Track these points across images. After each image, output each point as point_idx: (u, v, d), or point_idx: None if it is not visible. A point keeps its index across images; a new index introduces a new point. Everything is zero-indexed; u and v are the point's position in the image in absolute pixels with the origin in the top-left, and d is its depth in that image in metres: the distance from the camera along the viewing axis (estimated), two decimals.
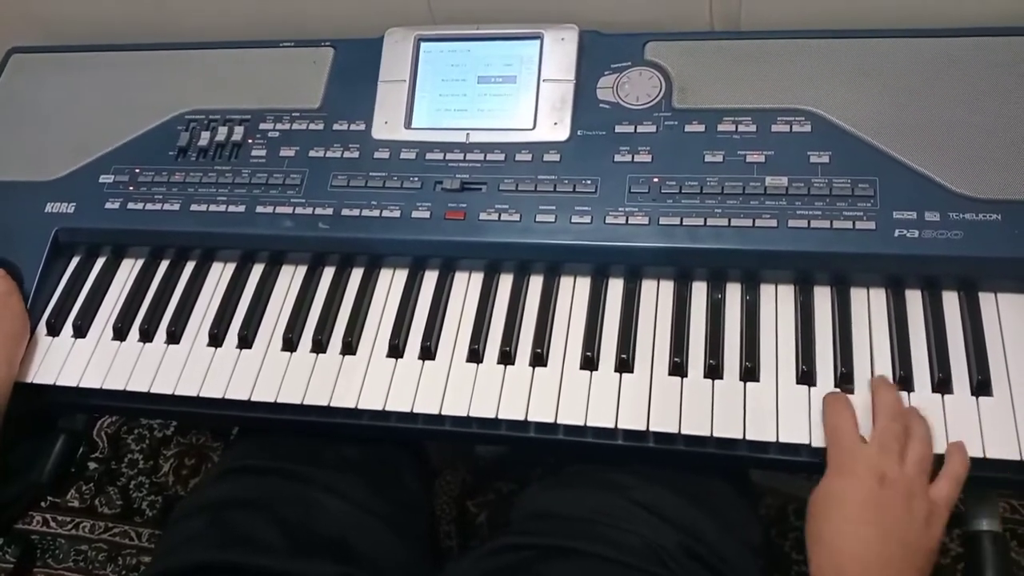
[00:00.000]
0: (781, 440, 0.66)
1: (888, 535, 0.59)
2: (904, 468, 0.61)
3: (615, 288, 0.76)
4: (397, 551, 0.77)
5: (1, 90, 0.96)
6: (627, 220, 0.75)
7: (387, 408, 0.73)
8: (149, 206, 0.85)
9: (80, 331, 0.82)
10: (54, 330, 0.83)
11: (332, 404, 0.74)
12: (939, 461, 0.64)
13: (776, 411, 0.68)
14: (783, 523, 1.24)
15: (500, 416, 0.71)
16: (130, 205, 0.85)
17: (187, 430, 1.48)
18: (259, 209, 0.82)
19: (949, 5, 0.81)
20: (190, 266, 0.85)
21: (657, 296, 0.75)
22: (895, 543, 0.59)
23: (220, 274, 0.84)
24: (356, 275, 0.81)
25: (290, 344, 0.78)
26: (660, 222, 0.74)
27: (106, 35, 1.01)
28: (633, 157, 0.78)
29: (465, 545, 1.29)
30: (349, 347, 0.77)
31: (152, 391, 0.78)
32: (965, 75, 0.75)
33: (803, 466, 0.67)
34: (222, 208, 0.83)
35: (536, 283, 0.78)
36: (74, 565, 1.37)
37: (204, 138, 0.87)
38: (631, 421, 0.69)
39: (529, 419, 0.70)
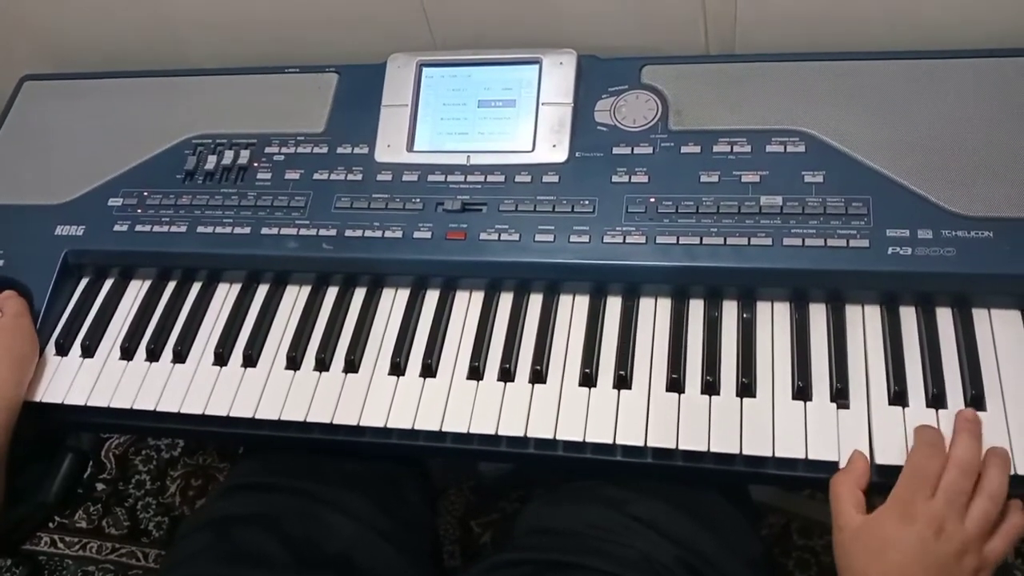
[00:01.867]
0: (777, 455, 0.67)
1: None
2: (964, 524, 0.59)
3: (613, 306, 0.77)
4: (400, 568, 0.78)
5: (14, 116, 0.99)
6: (625, 239, 0.76)
7: (389, 425, 0.74)
8: (157, 228, 0.86)
9: (88, 351, 0.84)
10: (63, 350, 0.84)
11: (335, 421, 0.75)
12: None
13: (772, 426, 0.68)
14: (786, 541, 1.24)
15: (500, 432, 0.72)
16: (138, 227, 0.87)
17: (194, 451, 1.49)
18: (264, 231, 0.84)
19: (941, 28, 0.83)
20: (196, 287, 0.87)
21: (655, 313, 0.76)
22: None
23: (226, 294, 0.86)
24: (359, 295, 0.83)
25: (294, 362, 0.79)
26: (657, 241, 0.76)
27: (116, 63, 1.04)
28: (630, 178, 0.79)
29: (469, 564, 1.29)
30: (352, 365, 0.78)
31: (158, 409, 0.79)
32: (957, 95, 0.76)
33: (799, 480, 0.68)
34: (228, 230, 0.85)
35: (536, 301, 0.79)
36: None
37: (211, 162, 0.89)
38: (629, 437, 0.70)
39: (529, 435, 0.71)
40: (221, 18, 1.00)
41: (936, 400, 0.68)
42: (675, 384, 0.72)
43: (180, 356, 0.82)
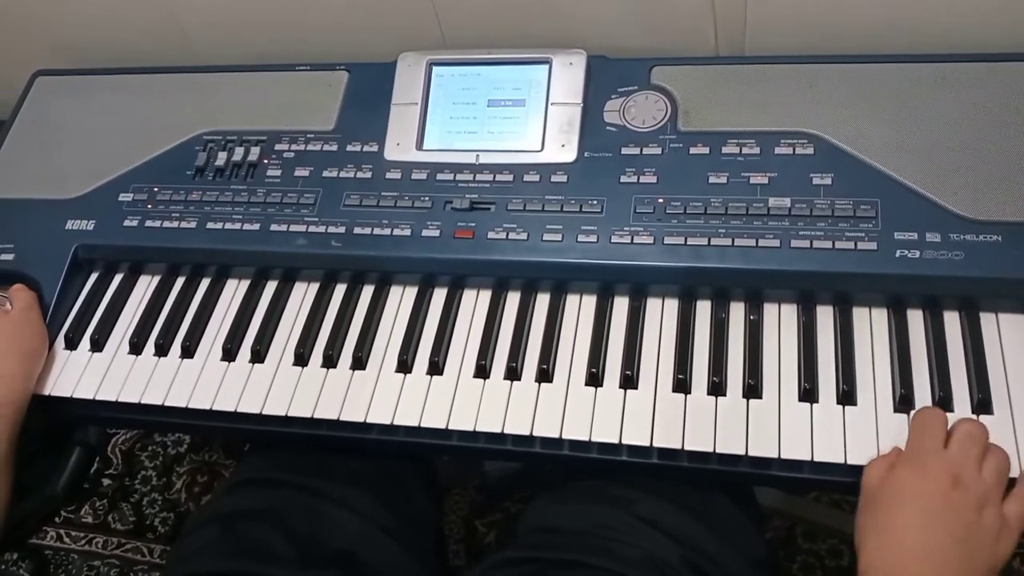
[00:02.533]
0: (783, 457, 0.67)
1: (957, 538, 0.57)
2: (981, 475, 0.59)
3: (620, 306, 0.77)
4: (405, 565, 0.78)
5: (26, 112, 0.99)
6: (632, 239, 0.76)
7: (395, 422, 0.74)
8: (166, 224, 0.87)
9: (97, 345, 0.84)
10: (72, 344, 0.85)
11: (341, 418, 0.75)
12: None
13: (778, 428, 0.68)
14: (791, 545, 1.24)
15: (506, 431, 0.72)
16: (148, 223, 0.87)
17: (200, 447, 1.50)
18: (273, 227, 0.84)
19: (950, 31, 0.83)
20: (205, 282, 0.87)
21: (662, 314, 0.76)
22: (960, 550, 0.56)
23: (234, 290, 0.86)
24: (367, 292, 0.83)
25: (301, 359, 0.79)
26: (665, 242, 0.76)
27: (128, 60, 1.04)
28: (639, 178, 0.79)
29: (474, 564, 1.29)
30: (359, 362, 0.78)
31: (166, 404, 0.79)
32: (966, 99, 0.76)
33: (805, 483, 0.68)
34: (237, 226, 0.85)
35: (543, 300, 0.79)
36: None
37: (221, 158, 0.89)
38: (635, 437, 0.70)
39: (535, 434, 0.71)
40: (232, 16, 1.00)
41: (943, 403, 0.68)
42: (681, 385, 0.72)
43: (188, 351, 0.82)
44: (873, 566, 0.57)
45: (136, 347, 0.83)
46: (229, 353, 0.81)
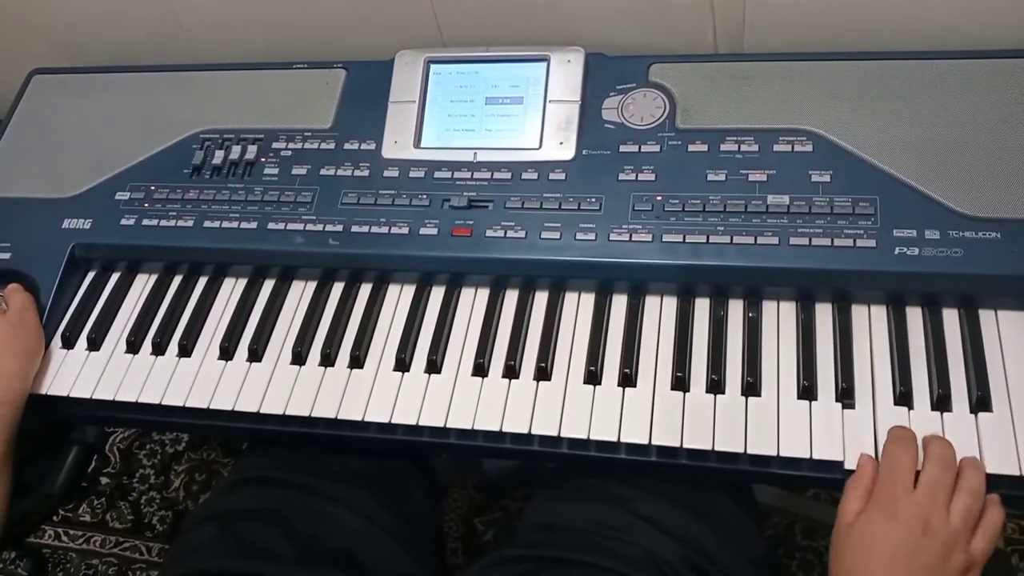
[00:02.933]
0: (782, 454, 0.67)
1: None
2: (949, 519, 0.60)
3: (619, 304, 0.77)
4: (404, 564, 0.78)
5: (23, 110, 0.99)
6: (631, 237, 0.76)
7: (393, 421, 0.74)
8: (164, 222, 0.87)
9: (94, 344, 0.84)
10: (69, 343, 0.84)
11: (339, 417, 0.75)
12: None
13: (777, 426, 0.68)
14: (789, 542, 1.24)
15: (504, 429, 0.72)
16: (145, 221, 0.87)
17: (198, 446, 1.50)
18: (271, 226, 0.84)
19: (949, 28, 0.83)
20: (203, 281, 0.87)
21: (660, 312, 0.76)
22: None
23: (232, 289, 0.86)
24: (365, 290, 0.83)
25: (299, 358, 0.79)
26: (663, 239, 0.76)
27: (124, 57, 1.04)
28: (637, 176, 0.79)
29: (472, 563, 1.29)
30: (357, 361, 0.78)
31: (163, 403, 0.79)
32: (965, 96, 0.76)
33: (804, 480, 0.68)
34: (235, 225, 0.85)
35: (541, 299, 0.79)
36: None
37: (218, 156, 0.89)
38: (634, 435, 0.70)
39: (533, 432, 0.71)
40: (230, 14, 1.00)
41: (941, 401, 0.68)
42: (680, 382, 0.72)
43: (186, 350, 0.82)
44: None
45: (133, 346, 0.83)
46: (226, 352, 0.81)
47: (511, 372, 0.75)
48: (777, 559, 1.22)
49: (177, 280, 0.88)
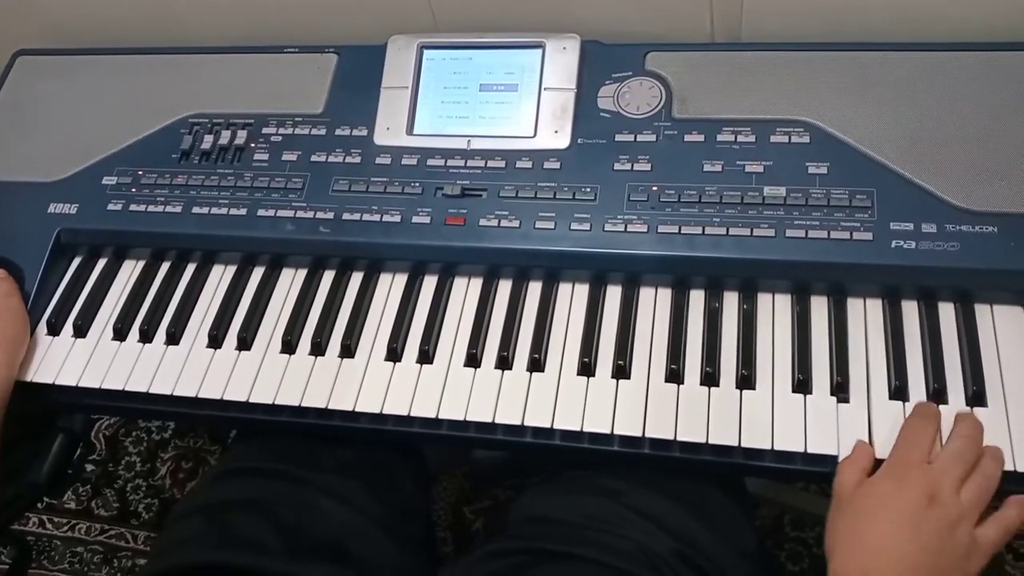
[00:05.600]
0: (776, 448, 0.67)
1: (926, 552, 0.57)
2: (959, 497, 0.59)
3: (613, 295, 0.77)
4: (393, 555, 0.77)
5: (7, 92, 0.97)
6: (626, 228, 0.76)
7: (384, 411, 0.73)
8: (151, 208, 0.85)
9: (80, 331, 0.83)
10: (54, 330, 0.83)
11: (329, 406, 0.74)
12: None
13: (771, 419, 0.68)
14: (778, 533, 1.24)
15: (496, 420, 0.71)
16: (132, 207, 0.86)
17: (185, 433, 1.49)
18: (260, 212, 0.83)
19: (949, 20, 0.82)
20: (191, 268, 0.86)
21: (655, 304, 0.76)
22: (930, 561, 0.57)
23: (220, 276, 0.85)
24: (356, 279, 0.82)
25: (289, 346, 0.78)
26: (659, 230, 0.75)
27: (112, 39, 1.02)
28: (632, 166, 0.78)
29: (461, 552, 1.29)
30: (348, 350, 0.77)
31: (151, 391, 0.78)
32: (964, 89, 0.76)
33: (798, 474, 0.68)
34: (224, 211, 0.84)
35: (535, 289, 0.78)
36: (69, 567, 1.37)
37: (207, 141, 0.87)
38: (627, 427, 0.69)
39: (526, 424, 0.71)
40: None
41: (937, 395, 0.67)
42: (674, 375, 0.71)
43: (174, 338, 0.81)
44: (845, 571, 0.58)
45: (120, 333, 0.82)
46: (215, 340, 0.80)
47: (504, 363, 0.74)
48: (768, 551, 1.22)
49: (165, 267, 0.86)
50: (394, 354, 0.76)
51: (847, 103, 0.77)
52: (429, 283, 0.80)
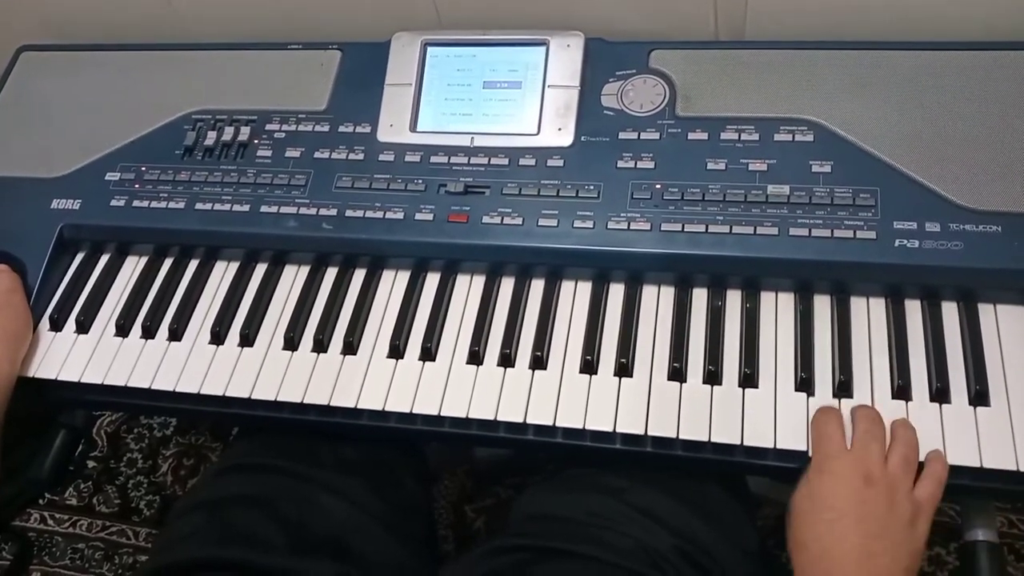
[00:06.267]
0: (778, 447, 0.67)
1: (873, 534, 0.59)
2: (887, 468, 0.62)
3: (616, 293, 0.77)
4: (394, 552, 0.77)
5: (10, 88, 0.97)
6: (629, 226, 0.75)
7: (387, 408, 0.73)
8: (154, 204, 0.85)
9: (83, 327, 0.83)
10: (57, 325, 0.83)
11: (332, 403, 0.74)
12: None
13: (774, 418, 0.68)
14: (781, 533, 1.24)
15: (499, 418, 0.71)
16: (135, 203, 0.86)
17: (186, 430, 1.49)
18: (263, 209, 0.83)
19: (952, 19, 0.82)
20: (194, 264, 0.86)
21: (658, 302, 0.76)
22: (880, 542, 0.59)
23: (223, 273, 0.85)
24: (359, 276, 0.82)
25: (291, 343, 0.78)
26: (662, 228, 0.75)
27: (115, 35, 1.02)
28: (636, 164, 0.78)
29: (463, 550, 1.29)
30: (350, 347, 0.77)
31: (153, 387, 0.78)
32: (967, 87, 0.75)
33: (800, 473, 0.67)
34: (227, 207, 0.84)
35: (537, 287, 0.78)
36: (70, 563, 1.37)
37: (210, 138, 0.87)
38: (629, 425, 0.69)
39: (528, 421, 0.71)
40: None
41: (940, 395, 0.67)
42: (677, 373, 0.71)
43: (176, 334, 0.81)
44: None
45: (123, 329, 0.82)
46: (217, 336, 0.80)
47: (507, 360, 0.74)
48: (768, 551, 1.21)
49: (168, 263, 0.86)
50: (396, 351, 0.76)
51: (851, 102, 0.77)
52: (432, 280, 0.80)
